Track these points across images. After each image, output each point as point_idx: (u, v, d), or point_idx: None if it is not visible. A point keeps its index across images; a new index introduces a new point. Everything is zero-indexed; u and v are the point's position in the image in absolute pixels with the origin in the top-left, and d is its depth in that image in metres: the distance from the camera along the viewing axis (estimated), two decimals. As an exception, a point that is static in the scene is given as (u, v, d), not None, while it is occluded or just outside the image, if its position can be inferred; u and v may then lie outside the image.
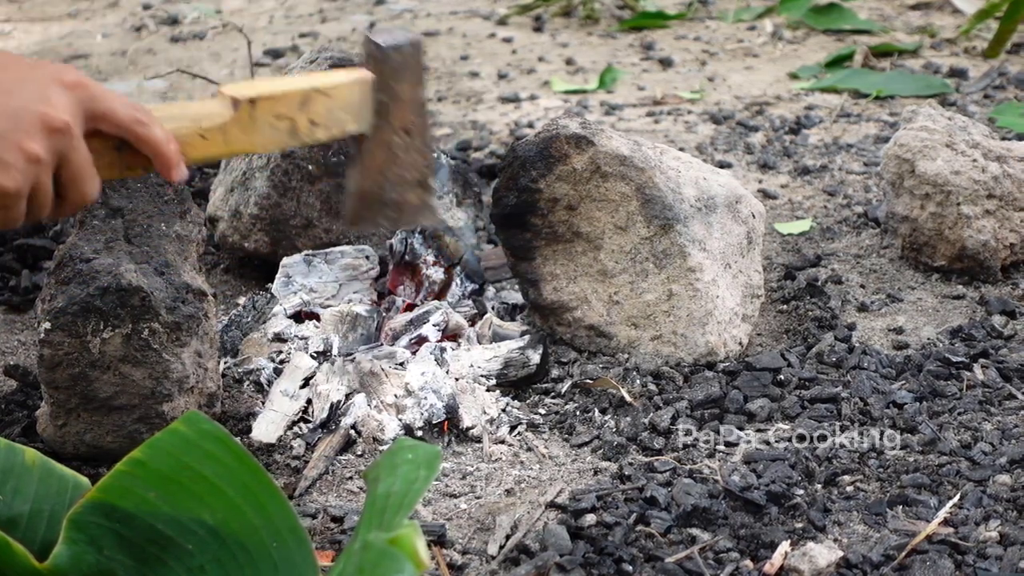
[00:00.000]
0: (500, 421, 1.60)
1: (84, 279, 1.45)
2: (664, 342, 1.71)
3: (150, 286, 1.47)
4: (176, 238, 1.54)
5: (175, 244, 1.54)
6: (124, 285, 1.45)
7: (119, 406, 1.47)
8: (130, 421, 1.47)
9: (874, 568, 1.26)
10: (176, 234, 1.55)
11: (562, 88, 3.26)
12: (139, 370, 1.46)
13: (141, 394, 1.47)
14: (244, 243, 1.98)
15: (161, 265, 1.51)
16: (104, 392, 1.46)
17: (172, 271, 1.51)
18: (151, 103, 3.29)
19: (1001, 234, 1.94)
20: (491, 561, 1.32)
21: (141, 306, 1.45)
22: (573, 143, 1.70)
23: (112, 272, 1.45)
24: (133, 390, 1.46)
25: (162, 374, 1.47)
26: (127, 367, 1.46)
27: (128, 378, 1.46)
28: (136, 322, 1.45)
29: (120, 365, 1.45)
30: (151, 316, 1.46)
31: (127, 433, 1.47)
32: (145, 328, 1.46)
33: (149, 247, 1.51)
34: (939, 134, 1.96)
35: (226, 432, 1.03)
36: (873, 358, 1.70)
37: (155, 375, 1.47)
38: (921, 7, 4.00)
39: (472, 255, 1.91)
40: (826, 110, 2.97)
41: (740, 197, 1.77)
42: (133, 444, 1.44)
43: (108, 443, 1.47)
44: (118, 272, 1.45)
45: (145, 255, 1.51)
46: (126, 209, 1.52)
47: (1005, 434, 1.51)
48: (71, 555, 1.05)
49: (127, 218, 1.52)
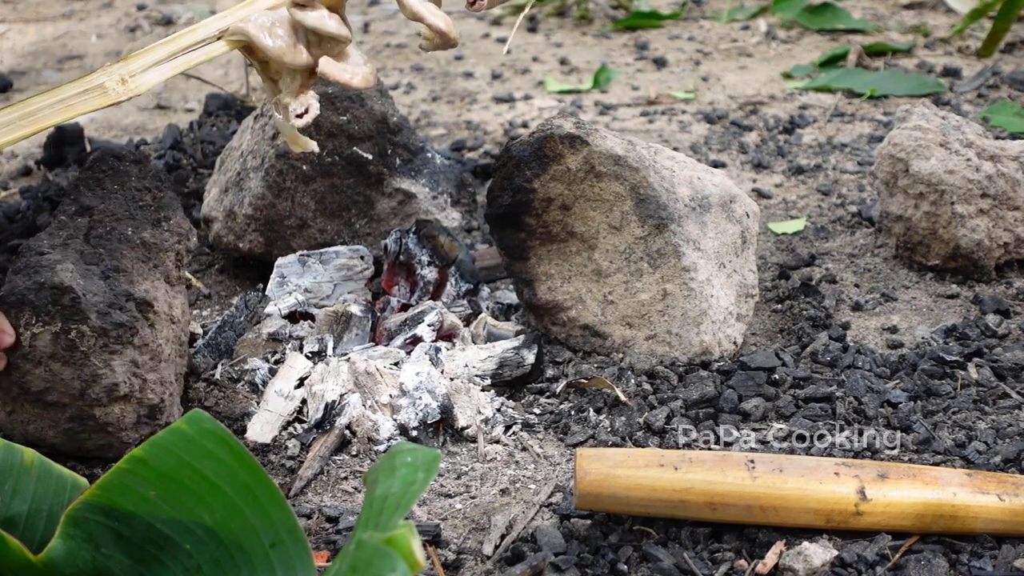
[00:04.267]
0: (495, 421, 1.60)
1: (29, 272, 1.45)
2: (659, 341, 1.71)
3: (84, 288, 1.45)
4: (141, 245, 1.53)
5: (138, 251, 1.52)
6: (56, 283, 1.43)
7: (52, 402, 1.46)
8: (64, 419, 1.47)
9: (869, 567, 1.27)
10: (142, 241, 1.53)
11: (556, 88, 3.27)
12: (68, 369, 1.45)
13: (71, 394, 1.46)
14: (239, 244, 1.98)
15: (109, 269, 1.49)
16: (36, 386, 1.45)
17: (120, 277, 1.49)
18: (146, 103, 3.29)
19: (995, 233, 1.94)
20: (486, 561, 1.32)
21: (71, 307, 1.44)
22: (567, 143, 1.70)
23: (51, 268, 1.44)
24: (63, 388, 1.45)
25: (91, 378, 1.46)
26: (56, 365, 1.45)
27: (58, 376, 1.45)
28: (65, 321, 1.44)
29: (50, 362, 1.44)
30: (80, 318, 1.45)
31: (63, 430, 1.47)
32: (73, 329, 1.44)
33: (105, 250, 1.50)
34: (933, 133, 1.97)
35: (227, 432, 1.03)
36: (867, 357, 1.70)
37: (83, 377, 1.45)
38: (914, 6, 4.01)
39: (467, 255, 1.91)
40: (820, 109, 2.97)
41: (734, 197, 1.77)
42: (71, 441, 1.47)
43: (50, 437, 1.47)
44: (55, 269, 1.44)
45: (97, 257, 1.49)
46: (96, 209, 1.51)
47: (999, 433, 1.51)
48: (66, 550, 1.05)
49: (94, 218, 1.51)
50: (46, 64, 3.80)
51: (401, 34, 3.92)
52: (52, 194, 2.32)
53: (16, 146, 2.96)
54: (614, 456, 1.33)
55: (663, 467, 1.31)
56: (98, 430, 1.47)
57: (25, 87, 3.56)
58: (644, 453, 1.34)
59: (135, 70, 1.36)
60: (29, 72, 3.71)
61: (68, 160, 2.62)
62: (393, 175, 1.99)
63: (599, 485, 1.30)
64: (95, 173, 1.53)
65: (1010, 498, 1.30)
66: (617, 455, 1.33)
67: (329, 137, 1.93)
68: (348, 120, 1.94)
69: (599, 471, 1.31)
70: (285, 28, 1.41)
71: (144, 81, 1.36)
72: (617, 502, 1.31)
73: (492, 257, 2.01)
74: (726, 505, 1.31)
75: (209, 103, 2.75)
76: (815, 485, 1.30)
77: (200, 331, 1.82)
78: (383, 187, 1.98)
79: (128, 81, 1.35)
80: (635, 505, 1.31)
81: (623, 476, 1.30)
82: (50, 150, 2.65)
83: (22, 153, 2.88)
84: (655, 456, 1.33)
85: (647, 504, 1.31)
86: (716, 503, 1.30)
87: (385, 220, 1.99)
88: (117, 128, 3.09)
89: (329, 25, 1.41)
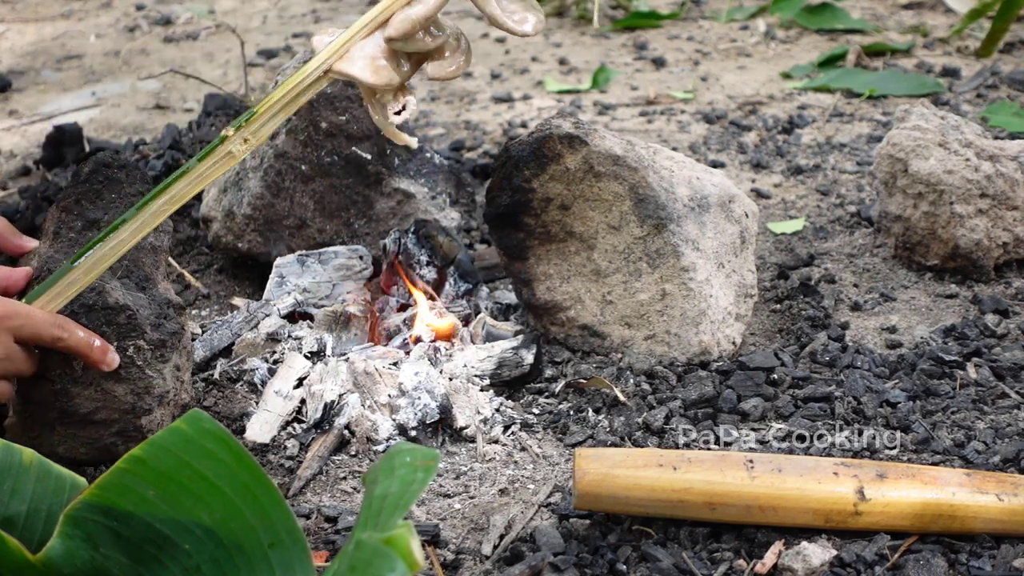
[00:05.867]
0: (494, 421, 1.60)
1: None
2: (657, 341, 1.71)
3: (135, 304, 1.46)
4: (151, 250, 1.53)
5: (150, 256, 1.53)
6: (111, 304, 1.43)
7: (98, 421, 1.45)
8: (107, 435, 1.46)
9: (868, 567, 1.27)
10: (151, 245, 1.53)
11: (555, 88, 3.27)
12: (121, 386, 1.45)
13: (121, 409, 1.45)
14: (238, 243, 1.98)
15: (141, 280, 1.50)
16: (84, 408, 1.44)
17: (151, 285, 1.50)
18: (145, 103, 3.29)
19: (994, 233, 1.94)
20: (485, 561, 1.32)
21: (127, 324, 1.44)
22: (566, 143, 1.70)
23: (96, 289, 1.43)
24: (114, 405, 1.45)
25: (144, 389, 1.46)
26: (110, 383, 1.44)
27: (110, 394, 1.44)
28: (122, 340, 1.44)
29: (102, 382, 1.44)
30: (137, 334, 1.45)
31: (102, 446, 1.46)
32: (131, 346, 1.44)
33: (129, 261, 1.50)
34: (932, 133, 1.97)
35: (227, 431, 1.03)
36: (866, 357, 1.70)
37: (137, 391, 1.45)
38: (913, 6, 4.01)
39: (466, 255, 1.91)
40: (819, 109, 2.97)
41: (733, 196, 1.77)
42: (106, 455, 1.46)
43: (81, 455, 1.46)
44: (103, 290, 1.44)
45: (125, 269, 1.49)
46: (103, 222, 1.50)
47: (998, 433, 1.51)
48: (65, 550, 1.05)
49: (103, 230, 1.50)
50: (45, 64, 3.80)
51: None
52: (51, 194, 2.32)
53: (15, 146, 2.96)
54: (613, 456, 1.33)
55: (662, 467, 1.31)
56: (140, 439, 1.46)
57: (24, 87, 3.56)
58: (643, 453, 1.34)
59: (255, 129, 1.41)
60: (28, 72, 3.72)
61: (67, 160, 2.62)
62: (392, 175, 1.99)
63: (598, 485, 1.30)
64: (93, 185, 1.52)
65: (1009, 498, 1.30)
66: (616, 455, 1.33)
67: (328, 137, 1.93)
68: (347, 120, 1.94)
69: (598, 471, 1.31)
70: (384, 57, 1.41)
71: (263, 133, 1.42)
72: (616, 502, 1.31)
73: (491, 257, 2.01)
74: (725, 505, 1.30)
75: (208, 103, 2.75)
76: (814, 485, 1.30)
77: (199, 331, 1.82)
78: (382, 187, 1.98)
79: (250, 140, 1.40)
80: (634, 505, 1.31)
81: (622, 476, 1.30)
82: (49, 150, 2.65)
83: (21, 153, 2.88)
84: (654, 456, 1.33)
85: (646, 504, 1.31)
86: (715, 503, 1.30)
87: (384, 220, 1.99)
88: (116, 128, 3.09)
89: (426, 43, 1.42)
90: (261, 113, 1.40)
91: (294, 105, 1.42)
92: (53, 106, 3.34)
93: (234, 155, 1.40)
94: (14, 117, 3.25)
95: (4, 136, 3.07)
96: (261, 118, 1.40)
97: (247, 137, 1.40)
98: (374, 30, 1.42)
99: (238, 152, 1.40)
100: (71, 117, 3.11)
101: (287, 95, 1.40)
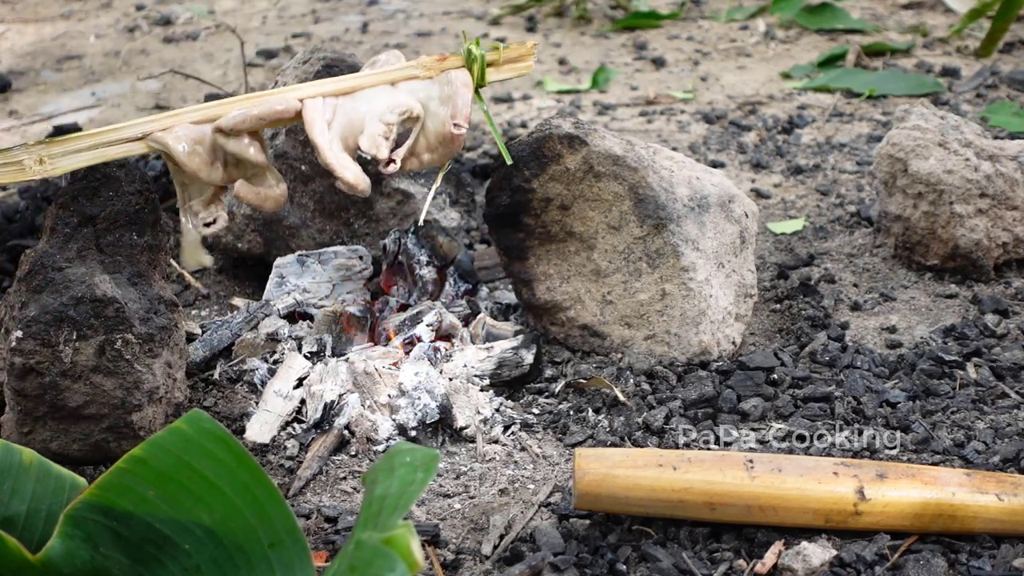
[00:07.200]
0: (494, 421, 1.60)
1: (57, 288, 1.44)
2: (657, 341, 1.71)
3: (124, 297, 1.46)
4: (147, 248, 1.53)
5: (146, 254, 1.53)
6: (99, 296, 1.44)
7: (88, 415, 1.45)
8: (98, 431, 1.46)
9: (868, 567, 1.27)
10: (147, 244, 1.53)
11: (555, 88, 3.27)
12: (111, 380, 1.45)
13: (111, 404, 1.45)
14: (237, 244, 1.98)
15: (133, 275, 1.50)
16: (74, 401, 1.44)
17: (144, 282, 1.51)
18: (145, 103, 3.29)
19: (994, 233, 1.94)
20: (485, 561, 1.32)
21: (115, 317, 1.44)
22: (566, 143, 1.70)
23: (86, 282, 1.44)
24: (103, 400, 1.45)
25: (133, 384, 1.46)
26: (99, 377, 1.44)
27: (99, 388, 1.44)
28: (110, 332, 1.44)
29: (91, 375, 1.44)
30: (125, 327, 1.45)
31: (94, 442, 1.46)
32: (119, 339, 1.45)
33: (122, 257, 1.50)
34: (932, 133, 1.97)
35: (227, 432, 1.03)
36: (866, 357, 1.70)
37: (126, 385, 1.46)
38: (913, 6, 4.01)
39: (465, 255, 1.91)
40: (819, 109, 2.97)
41: (733, 196, 1.77)
42: (99, 453, 1.46)
43: (74, 451, 1.46)
44: (92, 283, 1.44)
45: (117, 265, 1.50)
46: (98, 218, 1.50)
47: (998, 433, 1.51)
48: (65, 550, 1.05)
49: (99, 227, 1.51)
50: (45, 64, 3.80)
51: (400, 34, 3.92)
52: (51, 195, 2.32)
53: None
54: (613, 456, 1.33)
55: (662, 467, 1.31)
56: (132, 436, 1.47)
57: (24, 87, 3.56)
58: (643, 453, 1.34)
59: (55, 154, 1.43)
60: (28, 72, 3.71)
61: (67, 160, 2.61)
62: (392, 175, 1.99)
63: (598, 485, 1.30)
64: (90, 183, 1.53)
65: (1009, 498, 1.30)
66: (616, 455, 1.33)
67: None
68: (347, 120, 1.94)
69: (598, 471, 1.31)
70: (205, 146, 1.47)
71: (61, 165, 1.43)
72: (616, 502, 1.31)
73: (491, 257, 2.01)
74: (725, 505, 1.31)
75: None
76: (814, 485, 1.30)
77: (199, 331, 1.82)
78: (381, 187, 1.98)
79: (46, 162, 1.41)
80: (634, 505, 1.31)
81: (622, 476, 1.30)
82: (49, 150, 2.65)
83: (21, 153, 2.87)
84: (654, 456, 1.33)
85: (646, 504, 1.31)
86: (715, 503, 1.30)
87: (384, 220, 1.99)
88: (116, 128, 3.08)
89: (249, 152, 1.46)
90: (67, 141, 1.41)
91: (100, 156, 1.43)
92: (53, 106, 3.34)
93: (23, 168, 1.41)
94: (14, 117, 3.25)
95: (4, 136, 3.07)
96: (65, 147, 1.41)
97: (43, 158, 1.40)
98: (209, 121, 1.46)
99: (28, 168, 1.41)
100: (71, 117, 3.12)
101: (101, 140, 1.42)
